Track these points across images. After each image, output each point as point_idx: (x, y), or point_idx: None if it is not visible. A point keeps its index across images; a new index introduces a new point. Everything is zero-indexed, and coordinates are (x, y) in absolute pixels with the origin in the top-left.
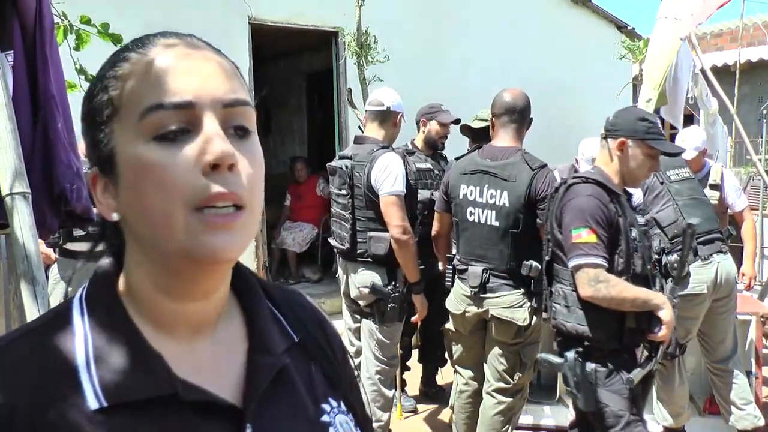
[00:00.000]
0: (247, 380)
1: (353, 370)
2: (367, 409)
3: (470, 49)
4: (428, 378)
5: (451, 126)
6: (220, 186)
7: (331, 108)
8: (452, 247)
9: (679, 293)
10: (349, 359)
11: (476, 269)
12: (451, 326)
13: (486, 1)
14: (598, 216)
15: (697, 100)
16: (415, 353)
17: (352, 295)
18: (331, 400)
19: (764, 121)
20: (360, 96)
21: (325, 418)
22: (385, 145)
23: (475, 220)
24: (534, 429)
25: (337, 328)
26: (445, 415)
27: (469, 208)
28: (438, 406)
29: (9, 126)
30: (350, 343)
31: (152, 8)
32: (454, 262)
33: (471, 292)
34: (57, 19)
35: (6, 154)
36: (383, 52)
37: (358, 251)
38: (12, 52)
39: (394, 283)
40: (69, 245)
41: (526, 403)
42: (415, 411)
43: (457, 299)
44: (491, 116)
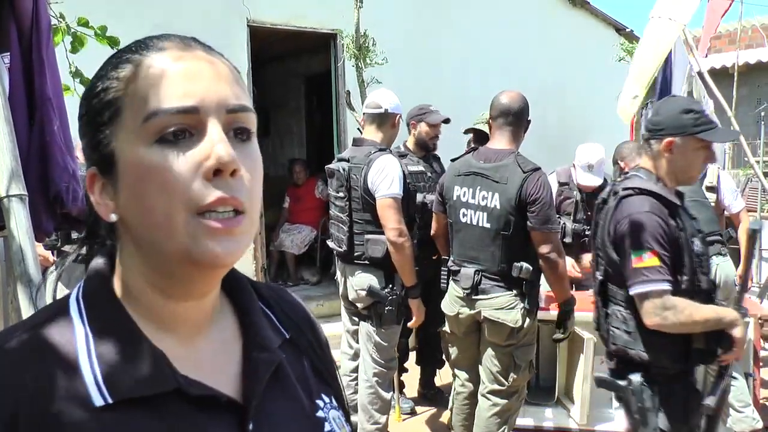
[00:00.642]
0: (247, 376)
1: (333, 361)
2: (347, 406)
3: (469, 51)
4: (426, 380)
5: (442, 125)
6: (221, 191)
7: (330, 110)
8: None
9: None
10: (329, 351)
11: (468, 271)
12: (446, 328)
13: (484, 2)
14: (658, 234)
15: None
16: (413, 355)
17: (350, 298)
18: (323, 395)
19: (762, 123)
20: (359, 98)
21: (321, 414)
22: (383, 148)
23: (468, 222)
24: (532, 430)
25: (335, 330)
26: (443, 417)
27: (462, 210)
28: (436, 408)
29: (6, 128)
30: (349, 346)
31: (151, 10)
32: (448, 263)
33: (463, 293)
34: (54, 20)
35: (3, 156)
36: (382, 54)
37: (356, 254)
38: (8, 53)
39: (391, 286)
40: (67, 247)
41: (525, 404)
42: (414, 413)
43: (451, 301)
44: (488, 118)
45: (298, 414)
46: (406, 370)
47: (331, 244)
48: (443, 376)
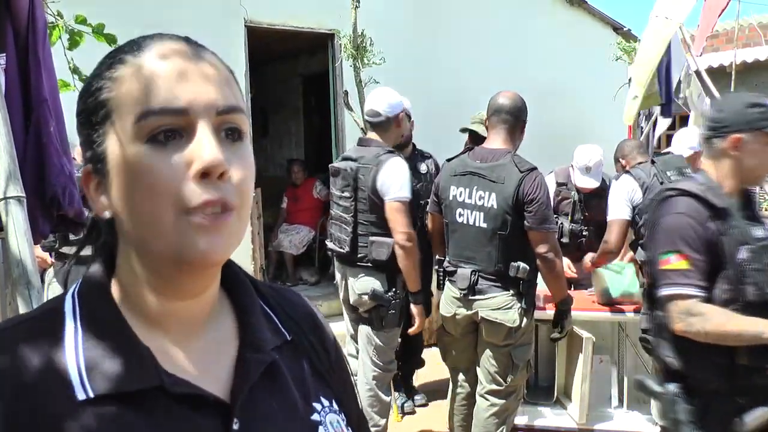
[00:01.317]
0: (236, 375)
1: (347, 369)
2: (361, 407)
3: (466, 51)
4: (405, 379)
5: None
6: (209, 193)
7: (328, 110)
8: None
9: None
10: (344, 357)
11: (465, 271)
12: (443, 329)
13: (481, 2)
14: (689, 237)
15: (688, 100)
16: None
17: (351, 301)
18: (322, 398)
19: None
20: (356, 98)
21: (316, 417)
22: (391, 150)
23: (464, 222)
24: (531, 430)
25: (334, 330)
26: (441, 418)
27: (458, 210)
28: (435, 409)
29: (3, 129)
30: (354, 350)
31: (148, 10)
32: (444, 264)
33: (460, 294)
34: (51, 18)
35: (0, 157)
36: (379, 54)
37: (358, 255)
38: (4, 54)
39: (394, 290)
40: (65, 249)
41: (523, 404)
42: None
43: (447, 302)
44: (485, 119)
45: (291, 416)
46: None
47: (330, 244)
48: (420, 376)
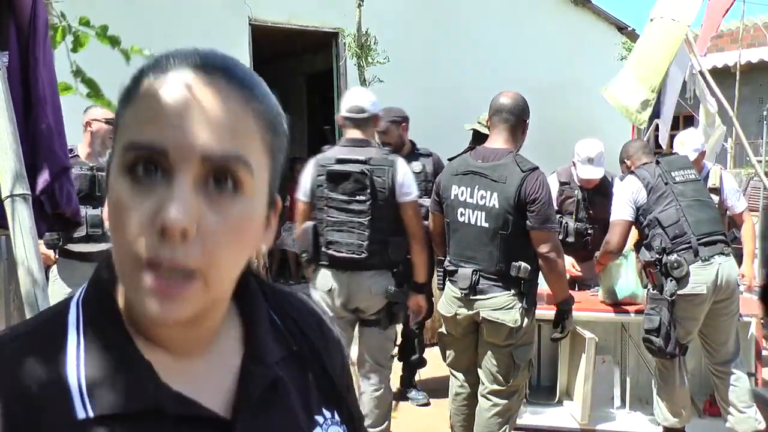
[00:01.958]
0: (239, 390)
1: (351, 377)
2: (361, 411)
3: (470, 50)
4: (407, 378)
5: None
6: (165, 252)
7: (332, 109)
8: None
9: (679, 293)
10: (349, 365)
11: (466, 271)
12: (443, 329)
13: (486, 1)
14: None
15: (700, 98)
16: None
17: (361, 306)
18: (325, 411)
19: (764, 122)
20: None
21: (318, 431)
22: (391, 150)
23: (466, 221)
24: (534, 430)
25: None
26: (443, 417)
27: (460, 209)
28: (437, 408)
29: (9, 128)
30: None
31: (153, 9)
32: (445, 264)
33: (461, 294)
34: (55, 19)
35: (6, 155)
36: (383, 53)
37: (373, 258)
38: (7, 53)
39: (405, 286)
40: (69, 246)
41: (526, 404)
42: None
43: (448, 301)
44: (487, 119)
45: (292, 430)
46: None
47: (337, 252)
48: (422, 375)
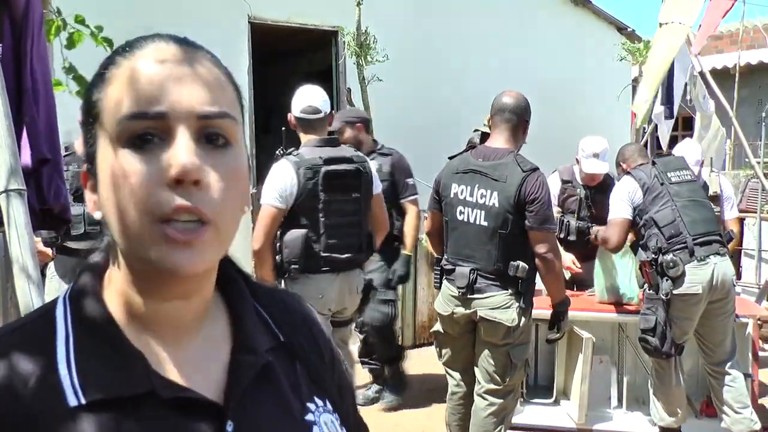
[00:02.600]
0: (229, 377)
1: (344, 371)
2: (348, 408)
3: (470, 50)
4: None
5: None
6: (182, 200)
7: (331, 108)
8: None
9: (674, 292)
10: (339, 362)
11: (463, 270)
12: (439, 328)
13: (486, 1)
14: None
15: (695, 102)
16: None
17: (348, 306)
18: (316, 399)
19: (763, 124)
20: (359, 96)
21: (310, 417)
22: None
23: (465, 220)
24: (530, 429)
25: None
26: (440, 417)
27: (459, 207)
28: (435, 408)
29: (5, 123)
30: None
31: (152, 6)
32: (442, 262)
33: (458, 292)
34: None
35: (1, 150)
36: (383, 51)
37: (364, 255)
38: (0, 45)
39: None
40: (67, 243)
41: (522, 403)
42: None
43: (445, 300)
44: (488, 118)
45: (285, 416)
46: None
47: (340, 255)
48: (420, 374)
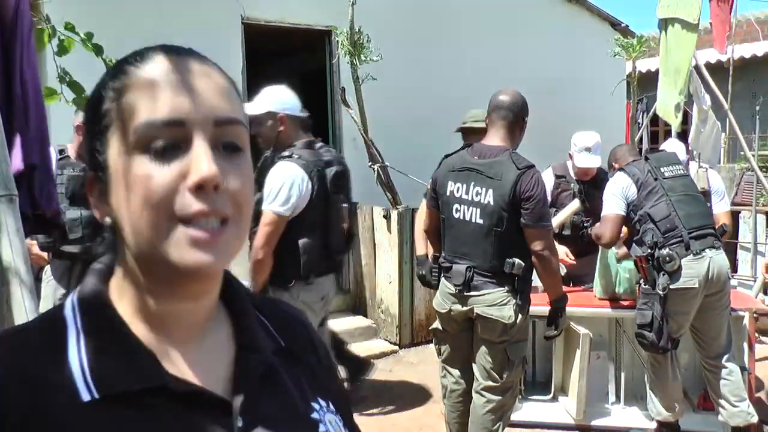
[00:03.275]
0: (236, 375)
1: (339, 379)
2: (347, 411)
3: (464, 47)
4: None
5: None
6: (204, 204)
7: (325, 108)
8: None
9: (671, 287)
10: (336, 372)
11: (460, 267)
12: (438, 325)
13: None
14: None
15: (692, 95)
16: None
17: (331, 306)
18: (320, 399)
19: (758, 117)
20: (354, 95)
21: (315, 416)
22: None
23: (461, 218)
24: (529, 426)
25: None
26: (436, 413)
27: (455, 205)
28: (430, 404)
29: None
30: None
31: (145, 8)
32: (440, 260)
33: (455, 290)
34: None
35: None
36: (376, 50)
37: None
38: None
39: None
40: (64, 247)
41: (520, 399)
42: None
43: (442, 298)
44: (486, 116)
45: (292, 414)
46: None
47: (339, 255)
48: (419, 373)
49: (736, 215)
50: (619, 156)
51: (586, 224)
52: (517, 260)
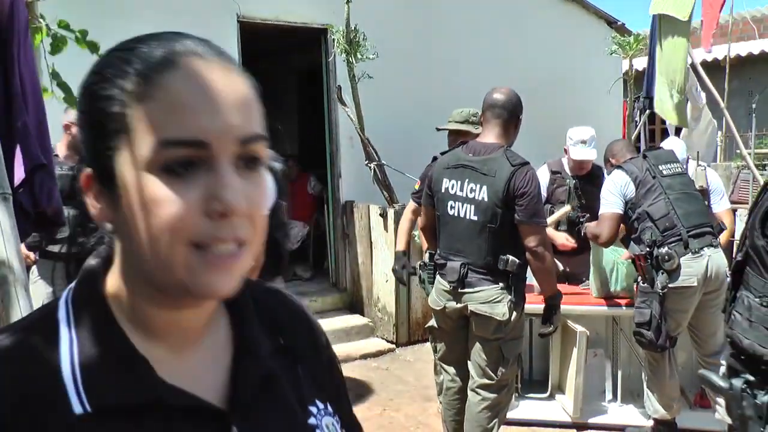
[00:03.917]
0: (233, 384)
1: (340, 374)
2: (347, 410)
3: (460, 45)
4: None
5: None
6: (224, 231)
7: (322, 106)
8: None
9: (670, 285)
10: (336, 363)
11: (454, 264)
12: (434, 323)
13: None
14: None
15: (687, 93)
16: None
17: None
18: (317, 402)
19: (754, 115)
20: (350, 93)
21: (312, 421)
22: None
23: (455, 214)
24: (526, 424)
25: (330, 325)
26: (433, 410)
27: (450, 202)
28: (427, 402)
29: None
30: None
31: (141, 6)
32: (435, 257)
33: (450, 287)
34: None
35: None
36: (373, 48)
37: None
38: None
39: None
40: (50, 247)
41: (517, 397)
42: None
43: (437, 295)
44: (481, 114)
45: (288, 422)
46: None
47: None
48: (414, 371)
49: (732, 213)
50: (615, 151)
51: (581, 219)
52: (510, 257)
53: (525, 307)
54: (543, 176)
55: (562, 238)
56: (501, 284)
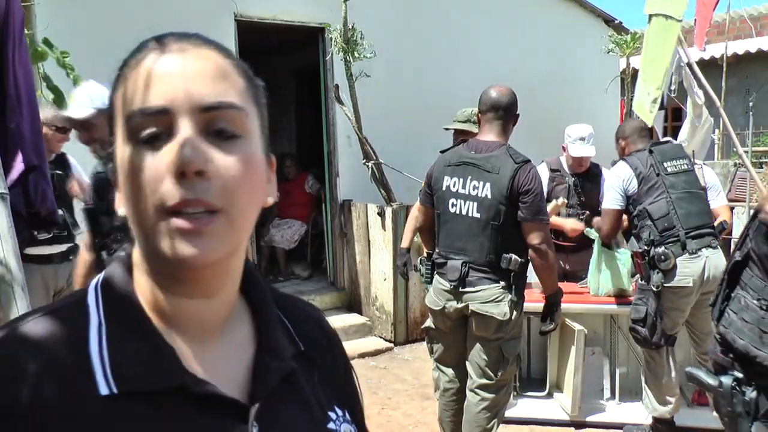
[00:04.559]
0: (255, 379)
1: (356, 385)
2: (362, 419)
3: (457, 44)
4: None
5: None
6: (186, 193)
7: (320, 105)
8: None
9: (665, 285)
10: (352, 372)
11: (455, 263)
12: (431, 324)
13: None
14: None
15: (687, 90)
16: None
17: None
18: (336, 408)
19: (751, 113)
20: (347, 92)
21: (332, 426)
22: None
23: (457, 212)
24: (524, 422)
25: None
26: (430, 410)
27: (452, 200)
28: (425, 401)
29: None
30: None
31: (137, 4)
32: (434, 256)
33: (450, 286)
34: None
35: None
36: (370, 47)
37: None
38: None
39: None
40: (29, 250)
41: (515, 396)
42: None
43: (436, 295)
44: (477, 112)
45: (308, 423)
46: None
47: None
48: (413, 371)
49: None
50: (627, 133)
51: (582, 217)
52: (514, 256)
53: (524, 305)
54: (543, 174)
55: (571, 223)
56: (502, 283)
